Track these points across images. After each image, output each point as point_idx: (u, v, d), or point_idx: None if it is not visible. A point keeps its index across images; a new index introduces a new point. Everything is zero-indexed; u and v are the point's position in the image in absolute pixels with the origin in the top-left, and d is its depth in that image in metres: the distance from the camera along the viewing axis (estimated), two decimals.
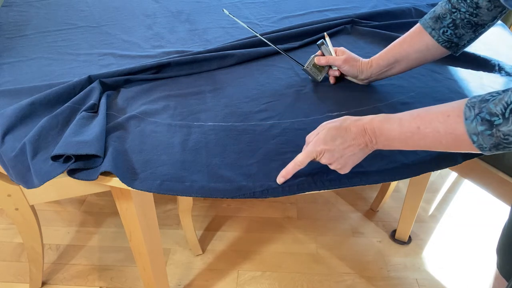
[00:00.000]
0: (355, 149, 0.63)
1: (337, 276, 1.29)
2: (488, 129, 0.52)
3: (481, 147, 0.54)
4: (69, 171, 0.66)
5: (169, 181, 0.66)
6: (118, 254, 1.37)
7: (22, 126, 0.75)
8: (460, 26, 0.75)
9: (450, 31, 0.75)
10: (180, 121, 0.79)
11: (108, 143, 0.71)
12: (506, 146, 0.53)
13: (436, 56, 0.80)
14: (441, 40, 0.77)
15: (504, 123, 0.51)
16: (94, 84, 0.84)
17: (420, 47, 0.79)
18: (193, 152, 0.71)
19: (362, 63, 0.85)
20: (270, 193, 0.65)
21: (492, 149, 0.54)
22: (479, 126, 0.53)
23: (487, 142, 0.53)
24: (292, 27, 1.08)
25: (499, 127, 0.51)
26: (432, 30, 0.77)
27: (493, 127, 0.52)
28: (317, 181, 0.67)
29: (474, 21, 0.74)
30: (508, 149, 0.54)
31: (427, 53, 0.79)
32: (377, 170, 0.69)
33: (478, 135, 0.53)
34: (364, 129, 0.63)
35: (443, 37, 0.76)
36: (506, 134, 0.51)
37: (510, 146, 0.53)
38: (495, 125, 0.52)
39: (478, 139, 0.54)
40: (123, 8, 1.28)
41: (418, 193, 1.27)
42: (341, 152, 0.63)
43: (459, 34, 0.76)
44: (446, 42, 0.77)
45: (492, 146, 0.54)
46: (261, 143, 0.74)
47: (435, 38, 0.77)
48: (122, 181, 0.65)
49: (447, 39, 0.76)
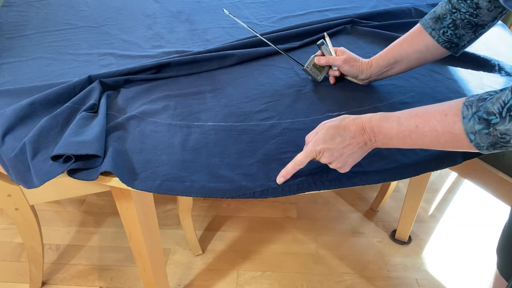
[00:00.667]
0: (354, 148, 0.63)
1: (337, 276, 1.29)
2: (485, 128, 0.52)
3: (478, 146, 0.54)
4: (69, 171, 0.66)
5: (169, 181, 0.66)
6: (118, 254, 1.37)
7: (22, 126, 0.75)
8: (460, 26, 0.75)
9: (450, 32, 0.76)
10: (180, 121, 0.79)
11: (108, 143, 0.71)
12: (503, 145, 0.53)
13: (436, 56, 0.80)
14: (441, 40, 0.77)
15: (501, 122, 0.51)
16: (94, 84, 0.84)
17: (420, 47, 0.79)
18: (193, 152, 0.71)
19: (362, 63, 0.85)
20: (270, 193, 0.65)
21: (490, 148, 0.54)
22: (476, 125, 0.53)
23: (485, 141, 0.53)
24: (292, 27, 1.08)
25: (496, 126, 0.52)
26: (432, 30, 0.77)
27: (490, 126, 0.52)
28: (317, 181, 0.67)
29: (474, 21, 0.74)
30: (506, 148, 0.54)
31: (427, 53, 0.79)
32: (377, 170, 0.69)
33: (475, 134, 0.53)
34: (363, 127, 0.63)
35: (443, 37, 0.76)
36: (503, 133, 0.52)
37: (507, 145, 0.53)
38: (492, 124, 0.52)
39: (476, 138, 0.54)
40: (123, 8, 1.28)
41: (418, 193, 1.27)
42: (341, 151, 0.63)
43: (459, 35, 0.76)
44: (446, 43, 0.77)
45: (489, 145, 0.54)
46: (261, 143, 0.74)
47: (435, 38, 0.77)
48: (122, 181, 0.65)
49: (447, 40, 0.77)
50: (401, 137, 0.61)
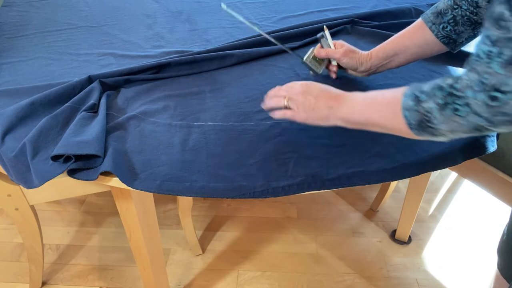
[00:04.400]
0: (319, 104, 0.67)
1: (337, 276, 1.29)
2: (416, 105, 0.56)
3: (410, 124, 0.58)
4: (69, 171, 0.66)
5: (169, 181, 0.66)
6: (118, 254, 1.37)
7: (22, 126, 0.75)
8: (460, 23, 0.76)
9: (450, 27, 0.76)
10: (180, 121, 0.79)
11: (108, 143, 0.71)
12: (428, 126, 0.56)
13: (434, 51, 0.81)
14: (440, 35, 0.78)
15: (427, 100, 0.55)
16: (94, 84, 0.84)
17: (420, 41, 0.80)
18: (193, 152, 0.71)
19: (362, 56, 0.86)
20: (270, 193, 0.65)
21: (419, 128, 0.57)
22: (410, 102, 0.57)
23: (414, 118, 0.57)
24: (292, 27, 1.08)
25: (423, 103, 0.55)
26: (432, 24, 0.78)
27: (419, 103, 0.56)
28: (317, 181, 0.67)
29: (474, 19, 0.74)
30: (431, 130, 0.56)
31: (426, 48, 0.81)
32: (377, 170, 0.69)
33: (408, 110, 0.57)
34: (330, 95, 0.69)
35: (442, 32, 0.77)
36: (427, 110, 0.55)
37: (430, 125, 0.56)
38: (420, 101, 0.56)
39: (409, 115, 0.57)
40: (123, 8, 1.28)
41: (418, 193, 1.27)
42: (311, 100, 0.68)
43: (458, 31, 0.77)
44: (445, 38, 0.78)
45: (417, 123, 0.57)
46: (261, 143, 0.74)
47: (434, 33, 0.78)
48: (122, 181, 0.65)
49: (446, 35, 0.77)
50: (361, 107, 0.64)
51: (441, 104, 0.53)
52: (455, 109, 0.52)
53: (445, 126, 0.54)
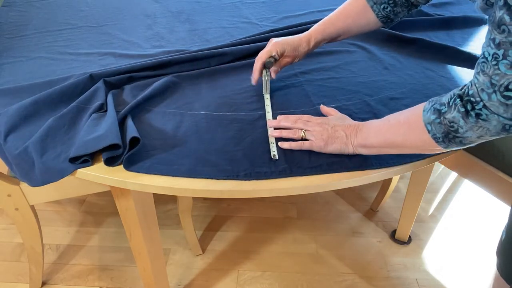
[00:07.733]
0: (338, 131, 0.70)
1: (337, 276, 1.29)
2: (438, 117, 0.58)
3: (435, 137, 0.59)
4: (105, 161, 0.68)
5: (158, 164, 0.68)
6: (118, 254, 1.37)
7: (25, 125, 0.76)
8: (399, 4, 0.81)
9: (390, 8, 0.82)
10: (174, 110, 0.82)
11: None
12: (455, 136, 0.57)
13: (371, 29, 0.87)
14: (380, 15, 0.83)
15: (448, 111, 0.57)
16: (98, 84, 0.85)
17: (362, 22, 0.85)
18: (184, 138, 0.74)
19: (295, 41, 0.86)
20: (253, 176, 0.67)
21: (445, 140, 0.59)
22: (431, 115, 0.59)
23: (439, 130, 0.58)
24: (292, 26, 1.08)
25: (445, 115, 0.57)
26: (374, 4, 0.82)
27: (441, 115, 0.58)
28: (299, 168, 0.69)
29: (411, 1, 0.81)
30: (459, 139, 0.58)
31: (366, 27, 0.86)
32: (356, 156, 0.71)
33: (431, 124, 0.59)
34: (346, 125, 0.71)
35: (382, 12, 0.82)
36: (450, 121, 0.57)
37: (457, 135, 0.57)
38: (442, 113, 0.57)
39: (432, 128, 0.59)
40: (123, 8, 1.28)
41: (418, 193, 1.27)
42: (328, 129, 0.71)
43: (396, 12, 0.82)
44: (384, 18, 0.83)
45: (443, 135, 0.58)
46: (249, 132, 0.76)
47: (375, 12, 0.83)
48: (121, 162, 0.67)
49: (385, 15, 0.83)
50: (375, 131, 0.67)
51: (463, 112, 0.55)
52: (477, 114, 0.54)
53: (472, 133, 0.56)
